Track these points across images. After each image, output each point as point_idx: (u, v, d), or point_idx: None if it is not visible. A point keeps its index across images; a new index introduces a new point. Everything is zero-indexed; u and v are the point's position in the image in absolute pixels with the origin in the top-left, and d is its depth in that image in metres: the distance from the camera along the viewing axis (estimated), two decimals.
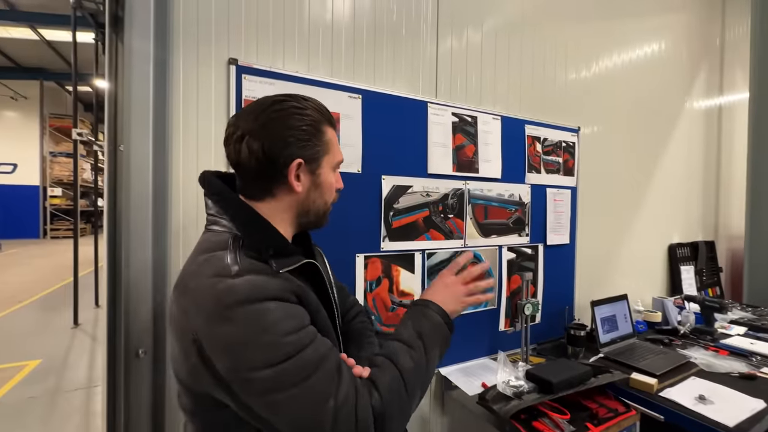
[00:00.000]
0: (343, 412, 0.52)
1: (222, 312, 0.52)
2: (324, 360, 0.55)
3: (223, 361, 0.52)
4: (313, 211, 0.69)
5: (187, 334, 0.54)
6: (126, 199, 0.87)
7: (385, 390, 0.57)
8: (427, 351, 0.65)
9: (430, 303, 0.72)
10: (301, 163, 0.63)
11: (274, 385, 0.51)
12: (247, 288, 0.54)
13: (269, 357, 0.51)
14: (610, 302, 1.84)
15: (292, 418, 0.52)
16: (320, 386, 0.53)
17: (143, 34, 0.88)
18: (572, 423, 1.22)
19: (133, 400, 0.89)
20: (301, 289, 0.60)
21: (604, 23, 2.12)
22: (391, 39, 1.42)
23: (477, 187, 1.61)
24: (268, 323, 0.53)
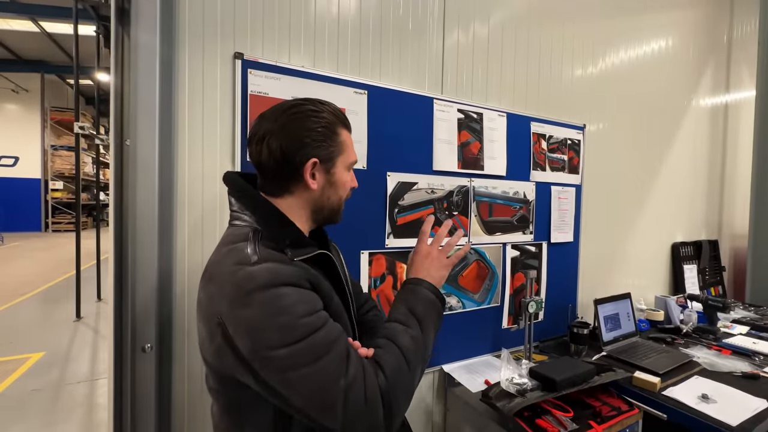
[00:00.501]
0: (352, 391, 0.56)
1: (242, 297, 0.56)
2: (335, 343, 0.58)
3: (243, 341, 0.56)
4: (327, 208, 0.73)
5: (212, 317, 0.58)
6: (132, 194, 0.87)
7: (390, 369, 0.60)
8: (423, 328, 0.68)
9: (418, 280, 0.74)
10: (316, 162, 0.67)
11: (289, 364, 0.55)
12: (265, 274, 0.58)
13: (284, 337, 0.55)
14: (613, 301, 1.83)
15: (306, 395, 0.55)
16: (331, 367, 0.56)
17: (149, 27, 0.87)
18: (575, 421, 1.22)
19: (139, 394, 0.89)
20: (314, 277, 0.64)
21: (611, 19, 2.10)
22: (398, 34, 1.41)
23: (482, 184, 1.60)
24: (283, 306, 0.56)
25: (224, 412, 0.65)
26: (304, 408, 0.55)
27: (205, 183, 1.05)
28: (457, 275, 1.56)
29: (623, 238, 2.25)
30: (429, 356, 0.69)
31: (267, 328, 0.55)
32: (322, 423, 0.56)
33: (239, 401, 0.62)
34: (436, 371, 1.55)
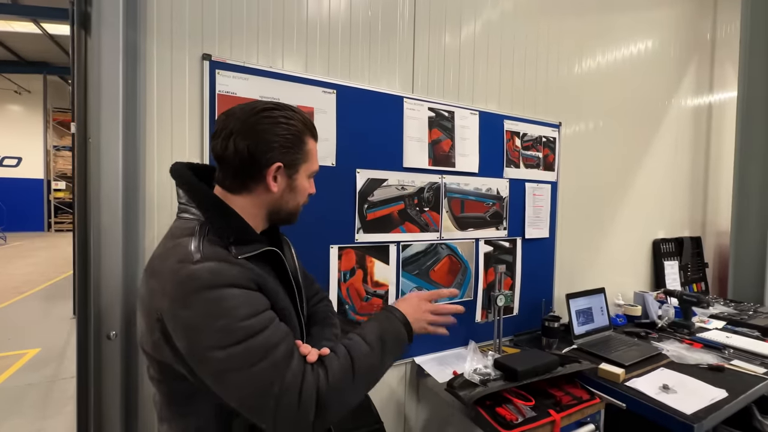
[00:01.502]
0: (285, 397, 0.57)
1: (183, 297, 0.57)
2: (274, 348, 0.59)
3: (182, 341, 0.58)
4: (285, 210, 0.75)
5: (152, 312, 0.60)
6: (96, 190, 0.92)
7: (333, 378, 0.62)
8: (383, 357, 0.70)
9: (405, 318, 0.76)
10: (280, 167, 0.69)
11: (225, 366, 0.57)
12: (207, 275, 0.58)
13: (222, 340, 0.57)
14: (587, 295, 1.87)
15: (239, 396, 0.58)
16: (266, 373, 0.57)
17: (112, 29, 0.91)
18: (535, 409, 1.26)
19: (105, 381, 0.94)
20: (259, 276, 0.65)
21: (589, 18, 2.13)
22: (367, 35, 1.45)
23: (453, 181, 1.64)
24: (223, 309, 0.58)
25: (167, 401, 0.67)
26: (238, 407, 0.58)
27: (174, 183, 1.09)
28: (428, 270, 1.60)
29: (602, 235, 2.28)
30: (378, 380, 0.71)
31: (205, 329, 0.56)
32: (255, 419, 0.59)
33: (182, 391, 0.64)
34: (408, 363, 1.59)
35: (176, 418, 0.66)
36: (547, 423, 1.22)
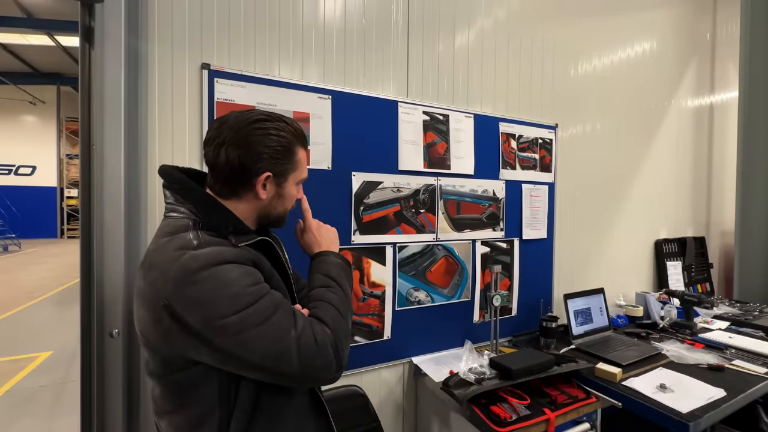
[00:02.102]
0: (303, 338, 0.64)
1: (188, 276, 0.61)
2: (280, 304, 0.67)
3: (194, 316, 0.60)
4: (273, 215, 0.80)
5: (157, 301, 0.62)
6: (99, 194, 0.97)
7: (329, 319, 0.70)
8: (341, 285, 0.79)
9: (324, 252, 0.86)
10: (269, 176, 0.74)
11: (243, 327, 0.61)
12: (209, 255, 0.63)
13: (234, 305, 0.62)
14: (585, 295, 1.87)
15: (261, 350, 0.62)
16: (281, 322, 0.64)
17: (114, 43, 0.96)
18: (530, 408, 1.27)
19: (108, 378, 0.98)
20: (256, 257, 0.71)
21: (588, 20, 2.14)
22: (362, 42, 1.49)
23: (449, 183, 1.66)
24: (229, 279, 0.63)
25: (168, 394, 0.68)
26: (261, 362, 0.62)
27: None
28: (425, 270, 1.62)
29: (603, 235, 2.28)
30: (351, 304, 0.79)
31: (216, 299, 0.61)
32: (279, 371, 0.63)
33: (184, 381, 0.66)
34: (405, 363, 1.61)
35: (177, 410, 0.68)
36: (542, 421, 1.23)
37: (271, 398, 0.71)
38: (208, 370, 0.65)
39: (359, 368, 1.50)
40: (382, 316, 1.53)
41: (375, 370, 1.54)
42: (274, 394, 0.71)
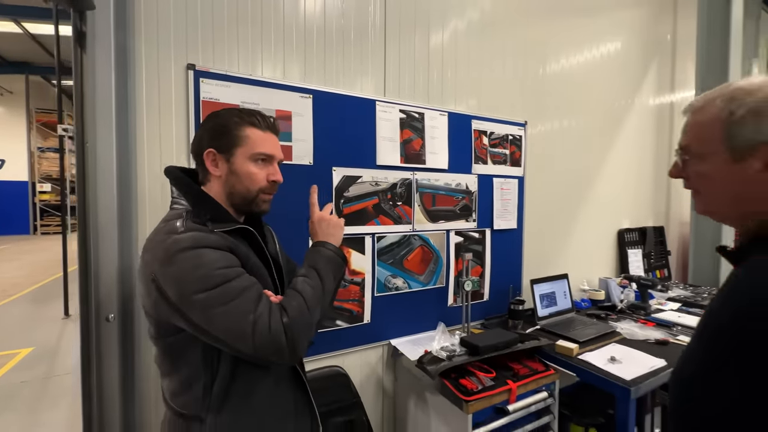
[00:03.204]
0: (259, 324, 0.72)
1: (170, 257, 0.72)
2: (246, 290, 0.74)
3: (172, 290, 0.71)
4: (236, 194, 0.86)
5: (147, 275, 0.74)
6: (93, 189, 1.03)
7: (291, 309, 0.76)
8: (322, 278, 0.84)
9: (321, 242, 0.91)
10: (212, 152, 0.83)
11: (209, 304, 0.70)
12: (189, 239, 0.74)
13: (204, 284, 0.71)
14: (550, 281, 2.03)
15: (223, 327, 0.71)
16: (241, 306, 0.72)
17: (104, 45, 1.02)
18: (495, 380, 1.41)
19: (104, 358, 1.05)
20: (232, 243, 0.79)
21: (556, 22, 2.27)
22: (341, 43, 1.57)
23: (425, 177, 1.77)
24: (202, 262, 0.72)
25: (163, 355, 0.80)
26: (223, 338, 0.71)
27: (164, 181, 1.21)
28: (402, 259, 1.74)
29: (570, 225, 2.45)
30: (328, 297, 0.85)
31: (189, 278, 0.70)
32: (237, 348, 0.72)
33: (174, 344, 0.77)
34: (384, 345, 1.73)
35: (172, 372, 0.80)
36: (504, 391, 1.37)
37: (249, 368, 0.80)
38: (192, 337, 0.75)
39: (341, 350, 1.61)
40: (362, 302, 1.64)
41: (356, 352, 1.66)
42: (251, 365, 0.80)
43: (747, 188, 0.58)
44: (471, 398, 1.30)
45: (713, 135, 0.60)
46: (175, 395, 0.80)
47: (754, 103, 0.56)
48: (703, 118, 0.62)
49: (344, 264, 0.92)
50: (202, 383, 0.77)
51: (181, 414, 0.79)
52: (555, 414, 1.54)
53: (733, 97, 0.58)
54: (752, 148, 0.56)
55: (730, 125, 0.57)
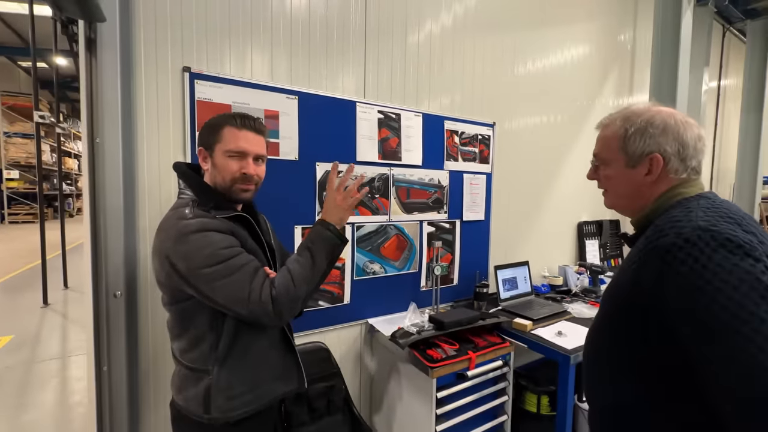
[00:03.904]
0: (253, 294, 0.88)
1: (181, 237, 0.88)
2: (244, 266, 0.90)
3: (182, 265, 0.87)
4: (218, 185, 0.99)
5: (162, 253, 0.90)
6: (102, 182, 1.16)
7: (279, 285, 0.90)
8: (314, 257, 0.95)
9: (323, 221, 1.00)
10: (201, 150, 1.00)
11: (213, 277, 0.87)
12: (197, 224, 0.89)
13: (209, 261, 0.87)
14: (512, 267, 2.26)
15: (224, 295, 0.88)
16: (240, 279, 0.88)
17: (111, 51, 1.13)
18: (458, 351, 1.62)
19: (112, 328, 1.19)
20: (233, 227, 0.95)
21: (522, 31, 2.47)
22: (323, 47, 1.71)
23: (400, 172, 1.95)
24: (208, 242, 0.88)
25: (176, 318, 0.97)
26: (225, 303, 0.88)
27: (162, 173, 1.35)
28: (379, 246, 1.92)
29: (533, 218, 2.69)
30: (318, 275, 0.96)
31: (196, 255, 0.87)
32: (236, 311, 0.89)
33: (186, 309, 0.94)
34: (362, 324, 1.92)
35: (182, 333, 0.96)
36: (465, 359, 1.59)
37: (249, 329, 0.98)
38: (200, 302, 0.91)
39: (323, 327, 1.78)
40: (343, 285, 1.82)
41: (337, 330, 1.84)
42: (250, 328, 0.98)
43: (638, 189, 0.79)
44: (435, 365, 1.51)
45: (614, 146, 0.80)
46: (185, 352, 0.96)
47: (640, 124, 0.76)
48: (608, 133, 0.82)
49: (342, 244, 0.99)
50: (209, 342, 0.94)
51: (190, 368, 0.96)
52: (510, 380, 1.78)
53: (627, 118, 0.79)
54: (640, 157, 0.76)
55: (625, 140, 0.78)
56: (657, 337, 0.63)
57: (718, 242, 0.57)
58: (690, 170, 0.74)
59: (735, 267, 0.55)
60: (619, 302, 0.72)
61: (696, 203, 0.69)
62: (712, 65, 4.29)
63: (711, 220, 0.61)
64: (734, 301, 0.54)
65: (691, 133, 0.73)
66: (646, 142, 0.74)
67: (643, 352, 0.66)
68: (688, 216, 0.64)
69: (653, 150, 0.74)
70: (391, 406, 1.82)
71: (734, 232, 0.59)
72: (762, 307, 0.53)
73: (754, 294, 0.53)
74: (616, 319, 0.72)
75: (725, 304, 0.54)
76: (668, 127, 0.73)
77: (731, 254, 0.56)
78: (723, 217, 0.63)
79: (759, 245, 0.59)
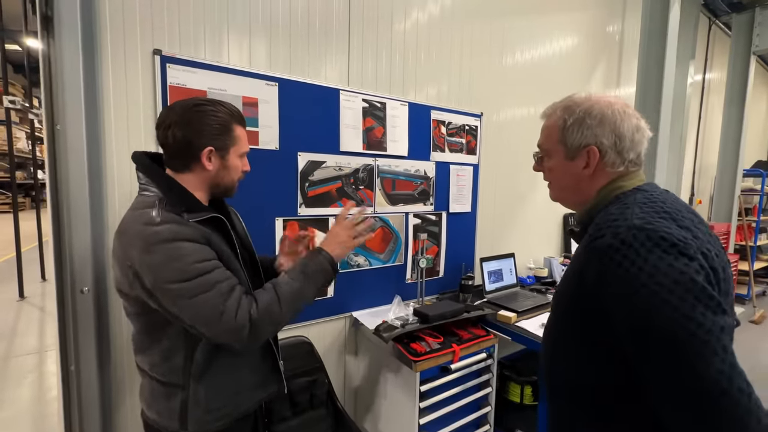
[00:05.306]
0: (227, 314, 0.80)
1: (148, 247, 0.78)
2: (218, 283, 0.81)
3: (148, 277, 0.78)
4: (222, 185, 0.95)
5: (125, 261, 0.80)
6: (65, 171, 1.08)
7: (262, 305, 0.85)
8: (305, 285, 0.92)
9: (322, 250, 0.99)
10: (212, 150, 0.88)
11: (181, 294, 0.78)
12: (167, 232, 0.79)
13: (178, 276, 0.78)
14: (498, 259, 2.26)
15: (191, 315, 0.80)
16: (212, 299, 0.80)
17: (71, 30, 1.05)
18: (442, 344, 1.61)
19: (81, 326, 1.14)
20: (207, 234, 0.85)
21: (510, 21, 2.42)
22: (305, 31, 1.64)
23: (385, 163, 1.91)
24: (179, 255, 0.78)
25: (144, 331, 0.86)
26: (192, 322, 0.80)
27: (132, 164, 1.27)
28: None
29: (520, 209, 2.69)
30: (305, 302, 0.93)
31: (165, 268, 0.77)
32: (201, 332, 0.80)
33: (155, 320, 0.83)
34: (347, 317, 1.89)
35: (152, 345, 0.87)
36: (449, 353, 1.58)
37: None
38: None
39: (306, 321, 1.75)
40: None
41: (320, 323, 1.81)
42: None
43: (577, 182, 0.76)
44: (419, 359, 1.50)
45: (554, 137, 0.77)
46: (155, 366, 0.87)
47: (578, 114, 0.73)
48: (550, 123, 0.80)
49: (334, 274, 1.00)
50: (183, 354, 0.86)
51: (162, 382, 0.87)
52: (494, 372, 1.78)
53: (567, 107, 0.76)
54: (578, 150, 0.74)
55: (564, 130, 0.75)
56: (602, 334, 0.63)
57: (653, 242, 0.57)
58: (628, 163, 0.72)
59: (670, 268, 0.55)
60: (568, 299, 0.71)
61: (633, 198, 0.68)
62: (698, 58, 4.32)
63: (646, 218, 0.61)
64: (671, 305, 0.53)
65: (628, 124, 0.71)
66: (584, 134, 0.72)
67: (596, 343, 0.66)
68: (624, 214, 0.63)
69: (590, 142, 0.72)
70: (376, 399, 1.81)
71: (669, 229, 0.58)
72: (698, 310, 0.52)
73: (689, 296, 0.53)
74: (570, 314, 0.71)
75: (660, 308, 0.54)
76: (605, 118, 0.71)
77: (665, 254, 0.56)
78: (658, 212, 0.62)
79: (693, 240, 0.58)
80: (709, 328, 0.52)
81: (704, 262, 0.57)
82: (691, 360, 0.51)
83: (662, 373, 0.54)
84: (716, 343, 0.51)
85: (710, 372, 0.50)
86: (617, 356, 0.61)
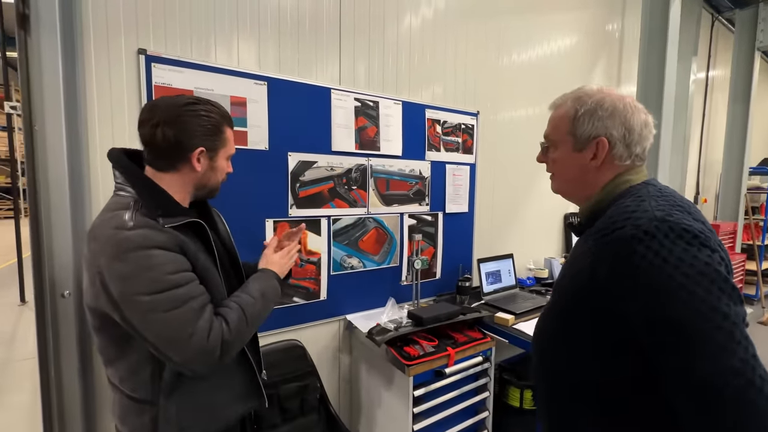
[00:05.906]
0: (197, 336, 0.76)
1: (119, 254, 0.72)
2: (192, 299, 0.77)
3: (116, 287, 0.72)
4: (208, 186, 0.92)
5: (93, 267, 0.74)
6: (44, 173, 1.06)
7: (233, 325, 0.82)
8: (265, 303, 0.93)
9: (270, 271, 0.99)
10: (203, 151, 0.85)
11: (150, 307, 0.73)
12: (139, 238, 0.74)
13: (149, 287, 0.72)
14: (496, 260, 2.21)
15: (156, 332, 0.74)
16: (184, 316, 0.75)
17: (49, 28, 1.03)
18: (436, 347, 1.57)
19: (62, 332, 1.11)
20: (182, 242, 0.80)
21: (507, 20, 2.39)
22: (295, 31, 1.62)
23: (379, 163, 1.88)
24: (151, 264, 0.73)
25: (109, 345, 0.81)
26: (154, 341, 0.74)
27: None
28: (357, 240, 1.85)
29: (519, 209, 2.64)
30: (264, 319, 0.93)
31: (135, 278, 0.72)
32: (165, 353, 0.75)
33: (119, 334, 0.77)
34: (340, 320, 1.86)
35: (119, 359, 0.82)
36: (444, 356, 1.54)
37: None
38: None
39: (298, 324, 1.72)
40: (319, 280, 1.75)
41: (313, 326, 1.77)
42: None
43: (583, 174, 0.74)
44: (412, 363, 1.46)
45: (564, 127, 0.75)
46: (124, 380, 0.82)
47: (590, 105, 0.71)
48: (559, 114, 0.78)
49: (280, 291, 1.01)
50: (151, 368, 0.80)
51: (131, 397, 0.82)
52: (491, 376, 1.74)
53: (579, 98, 0.74)
54: (587, 141, 0.72)
55: (574, 121, 0.73)
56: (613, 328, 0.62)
57: (676, 233, 0.56)
58: (634, 157, 0.72)
59: (695, 259, 0.55)
60: (571, 296, 0.69)
61: (646, 191, 0.67)
62: (701, 55, 4.26)
63: (665, 209, 0.60)
64: (697, 296, 0.53)
65: (638, 118, 0.71)
66: (594, 125, 0.72)
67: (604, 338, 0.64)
68: (641, 205, 0.62)
69: (600, 133, 0.71)
70: (370, 404, 1.77)
71: (688, 221, 0.58)
72: (723, 300, 0.52)
73: (714, 288, 0.53)
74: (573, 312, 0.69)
75: (687, 300, 0.53)
76: (616, 111, 0.71)
77: (689, 246, 0.55)
78: (673, 205, 0.62)
79: (710, 233, 0.59)
80: (733, 319, 0.52)
81: (723, 253, 0.57)
82: (714, 350, 0.51)
83: (684, 363, 0.53)
84: (740, 334, 0.52)
85: (733, 361, 0.50)
86: (632, 348, 0.60)
